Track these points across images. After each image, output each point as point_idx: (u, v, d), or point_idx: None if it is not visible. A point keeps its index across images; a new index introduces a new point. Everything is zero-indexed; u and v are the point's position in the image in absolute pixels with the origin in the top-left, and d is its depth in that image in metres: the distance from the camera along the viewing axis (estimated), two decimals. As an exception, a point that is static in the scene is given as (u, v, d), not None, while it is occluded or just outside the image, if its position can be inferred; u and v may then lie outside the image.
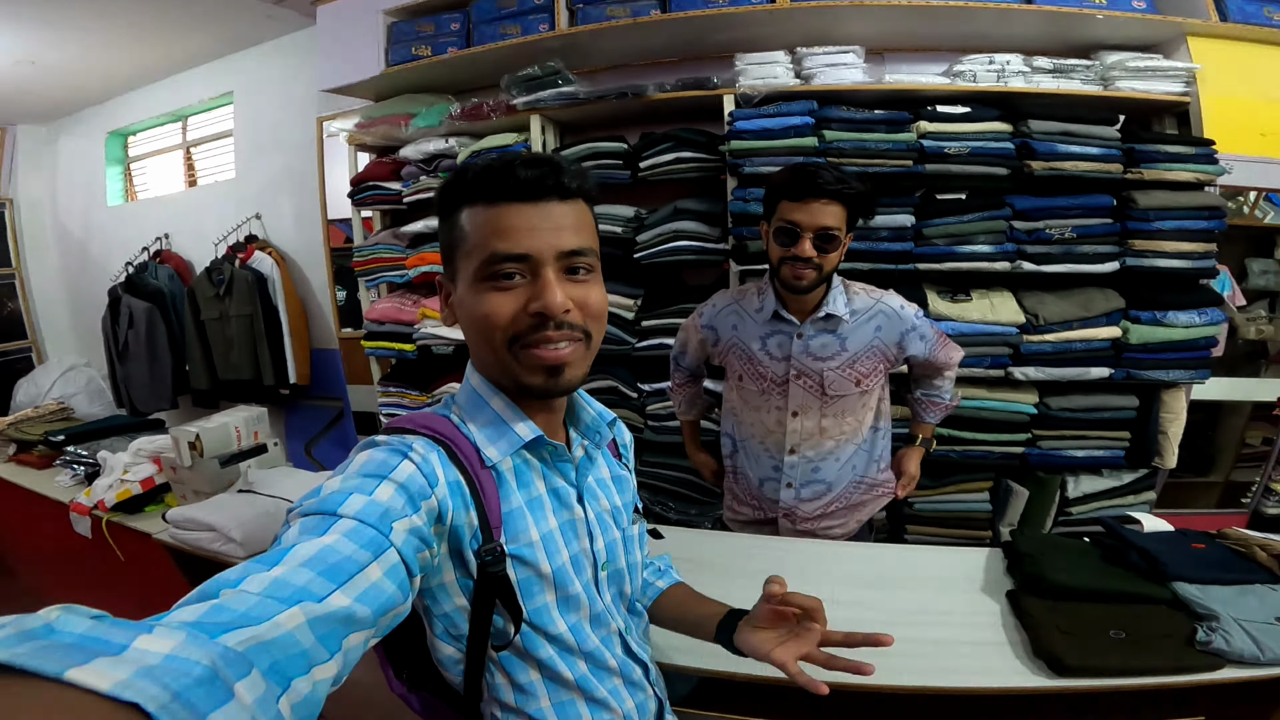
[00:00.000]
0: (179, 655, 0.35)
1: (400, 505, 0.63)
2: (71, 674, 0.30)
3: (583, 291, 0.74)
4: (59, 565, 2.46)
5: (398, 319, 2.73)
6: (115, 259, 4.17)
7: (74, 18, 3.08)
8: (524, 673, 0.78)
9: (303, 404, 3.75)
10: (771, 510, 1.64)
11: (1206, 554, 1.30)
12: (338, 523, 0.58)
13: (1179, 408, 2.13)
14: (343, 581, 0.53)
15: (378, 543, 0.58)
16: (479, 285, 0.73)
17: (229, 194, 3.87)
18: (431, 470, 0.69)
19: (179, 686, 0.33)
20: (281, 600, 0.48)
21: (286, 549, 0.54)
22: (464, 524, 0.71)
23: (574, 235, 0.73)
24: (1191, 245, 2.04)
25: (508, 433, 0.77)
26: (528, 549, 0.76)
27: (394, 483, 0.64)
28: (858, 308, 1.50)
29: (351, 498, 0.61)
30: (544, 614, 0.77)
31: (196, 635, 0.38)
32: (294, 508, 0.62)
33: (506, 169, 0.71)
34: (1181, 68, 2.11)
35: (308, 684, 0.46)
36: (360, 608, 0.53)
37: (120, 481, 1.97)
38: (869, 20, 2.22)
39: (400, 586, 0.59)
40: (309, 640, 0.47)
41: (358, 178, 2.84)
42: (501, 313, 0.72)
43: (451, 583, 0.73)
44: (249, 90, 3.74)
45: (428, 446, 0.71)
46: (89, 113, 4.50)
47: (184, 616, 0.43)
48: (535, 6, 2.40)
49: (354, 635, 0.53)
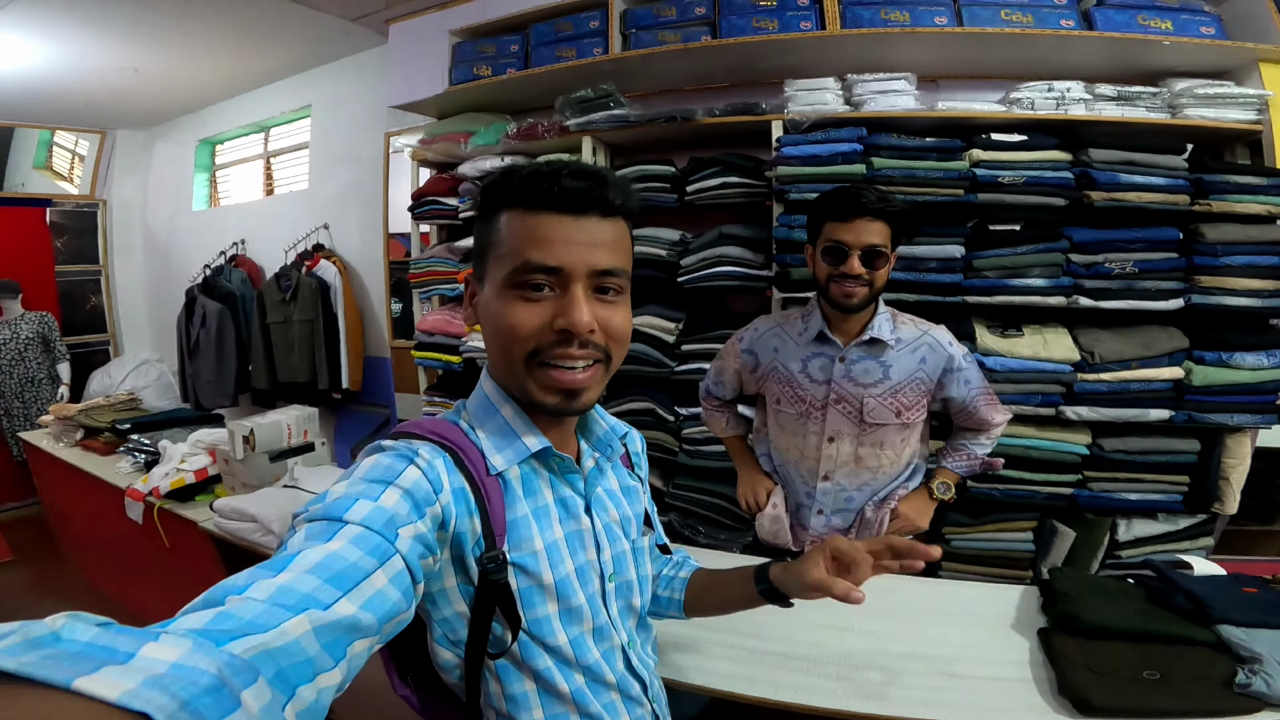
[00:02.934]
0: (186, 664, 0.36)
1: (406, 511, 0.63)
2: (79, 683, 0.30)
3: (608, 313, 0.74)
4: (107, 551, 2.56)
5: (447, 331, 2.82)
6: (195, 261, 4.44)
7: (175, 29, 3.28)
8: (518, 683, 0.77)
9: (353, 409, 3.89)
10: (800, 538, 1.61)
11: (1258, 599, 1.24)
12: (344, 529, 0.58)
13: (1243, 453, 2.01)
14: (348, 589, 0.53)
15: (383, 549, 0.58)
16: (507, 292, 0.72)
17: (302, 203, 4.07)
18: (437, 476, 0.69)
19: (187, 695, 0.34)
20: (287, 608, 0.48)
21: (292, 555, 0.54)
22: (467, 530, 0.71)
23: (609, 254, 0.73)
24: (1262, 283, 1.93)
25: (515, 442, 0.77)
26: (530, 558, 0.75)
27: (400, 488, 0.65)
28: (904, 336, 1.48)
29: (358, 504, 0.60)
30: (544, 625, 0.76)
31: (203, 643, 0.39)
32: (300, 512, 0.62)
33: (553, 177, 0.70)
34: (1253, 95, 2.01)
35: (312, 691, 0.46)
36: (365, 615, 0.53)
37: (176, 470, 2.08)
38: (922, 47, 2.20)
39: (405, 593, 0.59)
40: (314, 648, 0.47)
41: (418, 192, 2.95)
42: (526, 324, 0.71)
43: (452, 588, 0.73)
44: (325, 104, 3.94)
45: (434, 452, 0.71)
46: (182, 120, 4.80)
47: (190, 624, 0.43)
48: (591, 30, 2.47)
49: (359, 642, 0.53)
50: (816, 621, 1.27)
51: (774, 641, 1.20)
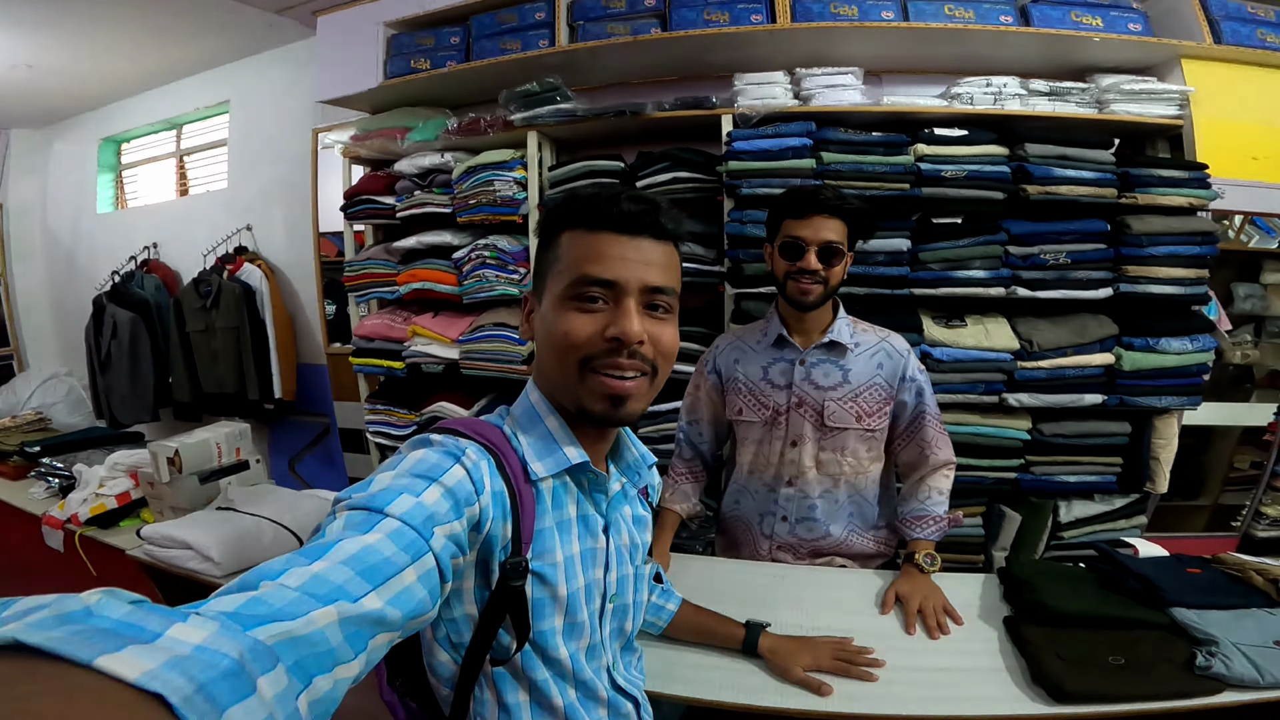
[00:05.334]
0: (209, 646, 0.35)
1: (445, 510, 0.63)
2: (101, 661, 0.30)
3: (658, 328, 0.78)
4: (30, 580, 2.39)
5: (387, 335, 2.71)
6: (102, 267, 4.13)
7: (73, 22, 3.07)
8: (514, 693, 0.77)
9: (288, 419, 3.69)
10: (766, 545, 1.59)
11: (1202, 579, 1.30)
12: (383, 521, 0.58)
13: (1171, 434, 2.13)
14: (379, 583, 0.53)
15: (418, 546, 0.58)
16: (564, 304, 0.76)
17: (220, 204, 3.84)
18: (480, 477, 0.69)
19: (205, 678, 0.33)
20: (318, 597, 0.48)
21: (331, 544, 0.54)
22: (498, 535, 0.72)
23: (661, 273, 0.77)
24: (1184, 271, 2.05)
25: (556, 452, 0.79)
26: (551, 569, 0.77)
27: (443, 486, 0.65)
28: (862, 341, 1.51)
29: (401, 497, 0.61)
30: (549, 636, 0.78)
31: (230, 626, 0.39)
32: (341, 497, 0.62)
33: (612, 200, 0.76)
34: (1175, 90, 2.12)
35: (329, 682, 0.46)
36: (392, 610, 0.53)
37: (95, 495, 1.92)
38: (867, 42, 2.23)
39: (431, 592, 0.59)
40: (338, 639, 0.47)
41: (351, 190, 2.82)
42: (580, 332, 0.75)
43: (468, 589, 0.73)
44: (245, 100, 3.73)
45: (480, 453, 0.72)
46: (83, 118, 4.48)
47: (221, 606, 0.43)
48: (536, 22, 2.40)
49: (381, 636, 0.53)
50: (787, 622, 1.27)
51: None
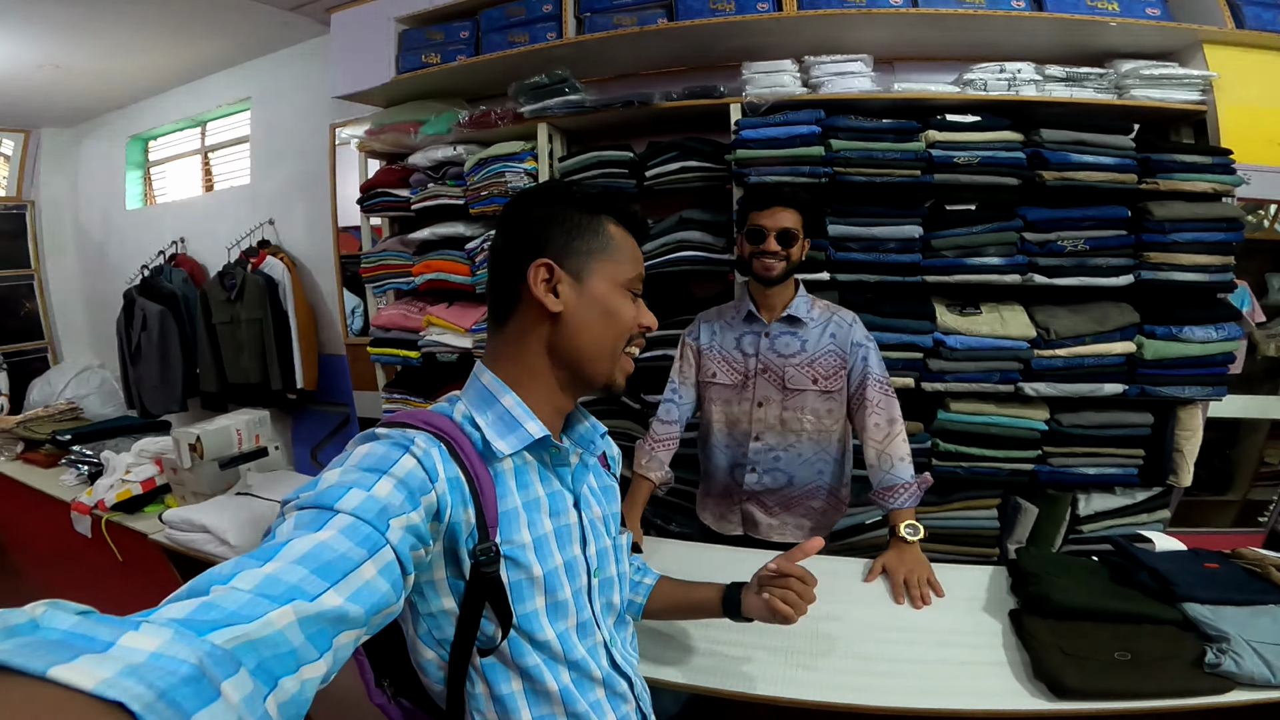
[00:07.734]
0: (165, 653, 0.35)
1: (399, 501, 0.63)
2: (55, 672, 0.30)
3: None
4: (60, 564, 2.48)
5: (403, 325, 2.74)
6: (132, 262, 4.23)
7: (99, 22, 3.13)
8: (506, 682, 0.76)
9: (310, 409, 3.76)
10: (738, 495, 1.78)
11: (1219, 574, 1.26)
12: (334, 518, 0.57)
13: (1195, 425, 2.07)
14: (336, 580, 0.52)
15: (373, 540, 0.58)
16: (623, 290, 0.85)
17: (244, 199, 3.91)
18: (433, 465, 0.69)
19: (165, 685, 0.33)
20: (273, 598, 0.47)
21: (280, 544, 0.53)
22: (461, 521, 0.71)
23: None
24: (1209, 258, 1.99)
25: (518, 429, 0.78)
26: (521, 550, 0.76)
27: (394, 478, 0.64)
28: (816, 316, 1.71)
29: (350, 492, 0.60)
30: (533, 619, 0.76)
31: (184, 633, 0.38)
32: (289, 499, 0.61)
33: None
34: (1197, 76, 2.06)
35: (295, 683, 0.45)
36: (353, 607, 0.52)
37: (121, 481, 1.98)
38: (877, 28, 2.20)
39: (394, 585, 0.58)
40: (299, 639, 0.47)
41: (367, 184, 2.85)
42: (631, 318, 0.85)
43: (441, 580, 0.73)
44: (265, 96, 3.78)
45: (429, 441, 0.71)
46: (111, 117, 4.58)
47: (172, 613, 0.42)
48: (543, 15, 2.40)
49: (345, 634, 0.52)
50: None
51: (747, 634, 1.18)
